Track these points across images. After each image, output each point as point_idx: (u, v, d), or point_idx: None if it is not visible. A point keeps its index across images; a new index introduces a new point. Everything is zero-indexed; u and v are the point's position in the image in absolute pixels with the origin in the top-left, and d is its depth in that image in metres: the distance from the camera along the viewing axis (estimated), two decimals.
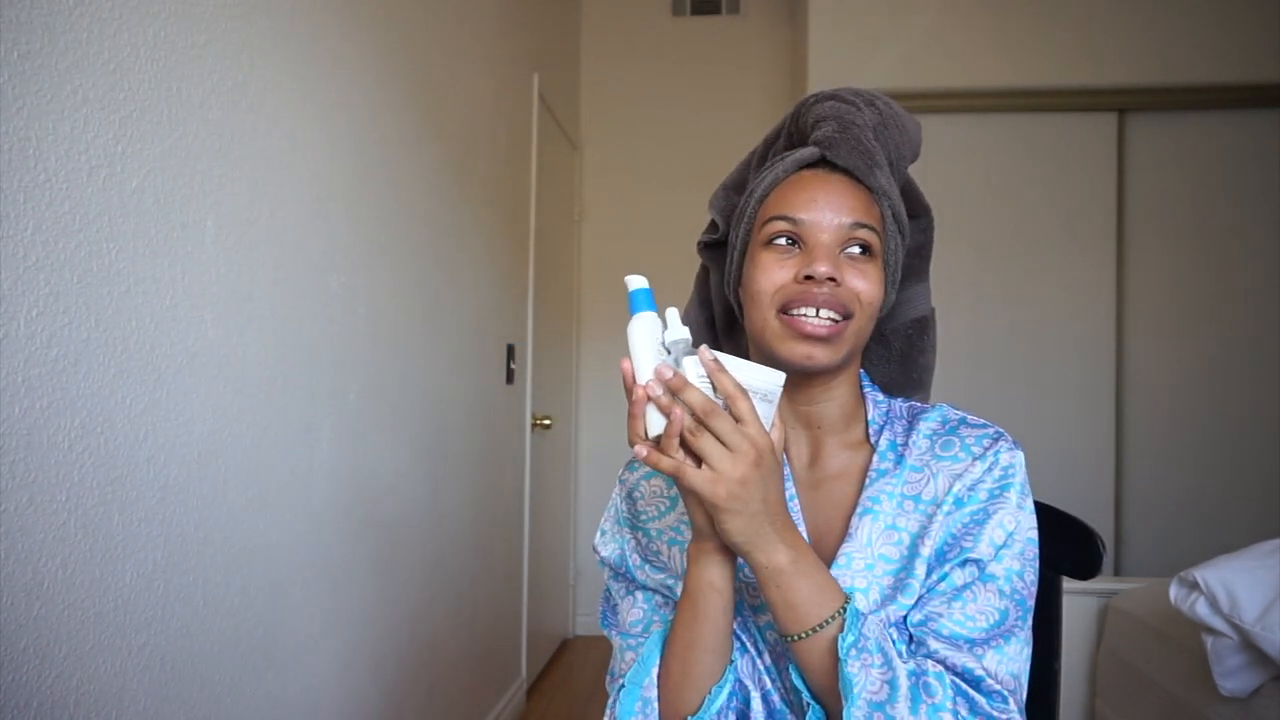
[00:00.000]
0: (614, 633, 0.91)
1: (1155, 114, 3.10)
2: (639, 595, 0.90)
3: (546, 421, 3.14)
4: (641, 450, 0.71)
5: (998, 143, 3.11)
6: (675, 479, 0.70)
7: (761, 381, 0.72)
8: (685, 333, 0.74)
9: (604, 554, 0.93)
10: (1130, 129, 3.12)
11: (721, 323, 0.96)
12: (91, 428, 0.98)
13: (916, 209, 0.92)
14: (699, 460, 0.70)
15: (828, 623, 0.73)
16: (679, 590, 0.86)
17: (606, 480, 3.74)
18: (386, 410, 1.80)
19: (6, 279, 0.87)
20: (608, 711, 0.83)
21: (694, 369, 0.71)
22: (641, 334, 0.74)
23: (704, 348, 0.71)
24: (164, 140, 1.09)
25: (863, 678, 0.71)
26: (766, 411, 0.72)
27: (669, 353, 0.73)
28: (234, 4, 1.24)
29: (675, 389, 0.69)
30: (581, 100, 3.82)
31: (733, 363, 0.71)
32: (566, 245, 3.63)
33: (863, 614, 0.74)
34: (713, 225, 0.94)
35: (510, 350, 2.77)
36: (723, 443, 0.69)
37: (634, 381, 0.72)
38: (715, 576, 0.76)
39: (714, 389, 0.71)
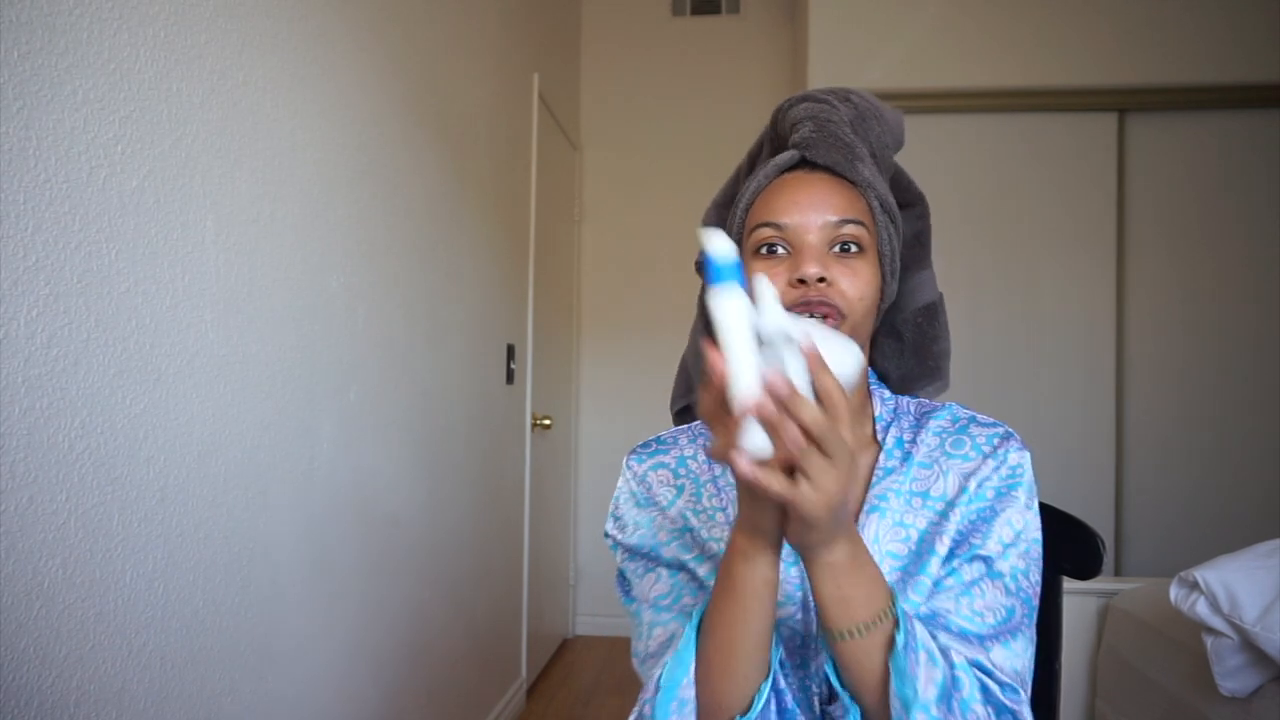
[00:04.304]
0: (641, 606, 0.87)
1: (1155, 114, 3.10)
2: (662, 572, 0.87)
3: (546, 421, 3.14)
4: (746, 467, 0.61)
5: (998, 143, 3.11)
6: (781, 500, 0.63)
7: (853, 367, 0.65)
8: (783, 317, 0.62)
9: (621, 538, 0.89)
10: (1130, 129, 3.11)
11: None
12: (91, 428, 0.98)
13: (910, 197, 0.92)
14: (791, 472, 0.62)
15: (881, 618, 0.70)
16: (701, 572, 0.84)
17: (606, 480, 3.74)
18: (386, 410, 1.80)
19: (6, 279, 0.87)
20: (636, 710, 0.79)
21: (798, 371, 0.61)
22: (736, 321, 0.60)
23: (804, 337, 0.61)
24: (164, 140, 1.09)
25: (914, 674, 0.69)
26: None
27: (760, 342, 0.62)
28: (234, 4, 1.24)
29: (788, 405, 0.60)
30: (581, 100, 3.82)
31: (827, 352, 0.62)
32: (566, 245, 3.63)
33: (907, 610, 0.72)
34: None
35: (510, 350, 2.76)
36: (828, 456, 0.61)
37: (723, 379, 0.61)
38: (768, 572, 0.71)
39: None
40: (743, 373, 0.60)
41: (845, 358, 0.64)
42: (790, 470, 0.62)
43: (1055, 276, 3.10)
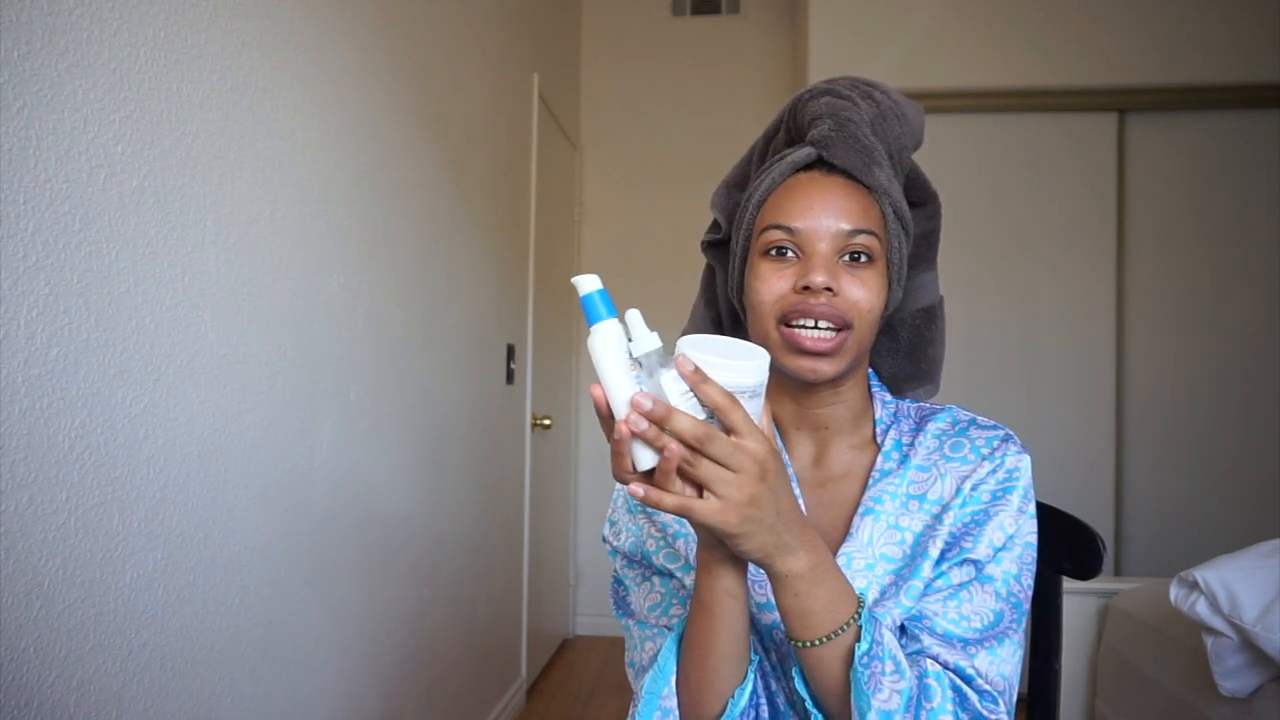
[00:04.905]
0: (630, 621, 0.89)
1: (1155, 114, 3.10)
2: (655, 580, 0.88)
3: (546, 421, 3.14)
4: (638, 490, 0.63)
5: (998, 143, 3.11)
6: (677, 513, 0.64)
7: (747, 377, 0.64)
8: (655, 340, 0.65)
9: (616, 544, 0.91)
10: (1130, 129, 3.12)
11: (728, 320, 0.96)
12: (91, 428, 0.98)
13: (923, 196, 0.91)
14: (698, 487, 0.64)
15: (843, 630, 0.70)
16: (688, 582, 0.85)
17: (606, 480, 3.74)
18: (386, 410, 1.80)
19: (6, 279, 0.87)
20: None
21: (675, 386, 0.63)
22: (607, 350, 0.64)
23: (681, 357, 0.63)
24: (164, 140, 1.09)
25: (873, 685, 0.70)
26: (755, 408, 0.66)
27: (640, 366, 0.65)
28: (234, 4, 1.24)
29: (660, 419, 0.61)
30: (581, 100, 3.82)
31: (714, 364, 0.63)
32: (566, 245, 3.63)
33: (876, 619, 0.72)
34: (715, 224, 0.94)
35: (510, 350, 2.77)
36: (723, 465, 0.62)
37: (609, 411, 0.64)
38: (730, 583, 0.72)
39: (698, 399, 0.63)
40: (618, 397, 0.64)
41: (743, 363, 0.64)
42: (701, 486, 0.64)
43: (1055, 277, 3.10)
